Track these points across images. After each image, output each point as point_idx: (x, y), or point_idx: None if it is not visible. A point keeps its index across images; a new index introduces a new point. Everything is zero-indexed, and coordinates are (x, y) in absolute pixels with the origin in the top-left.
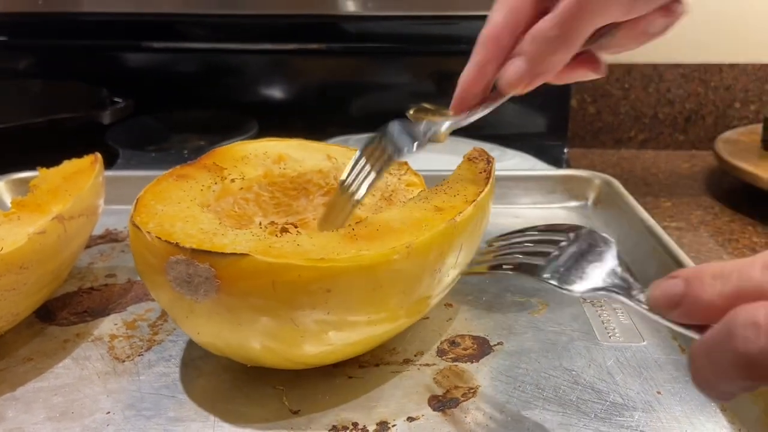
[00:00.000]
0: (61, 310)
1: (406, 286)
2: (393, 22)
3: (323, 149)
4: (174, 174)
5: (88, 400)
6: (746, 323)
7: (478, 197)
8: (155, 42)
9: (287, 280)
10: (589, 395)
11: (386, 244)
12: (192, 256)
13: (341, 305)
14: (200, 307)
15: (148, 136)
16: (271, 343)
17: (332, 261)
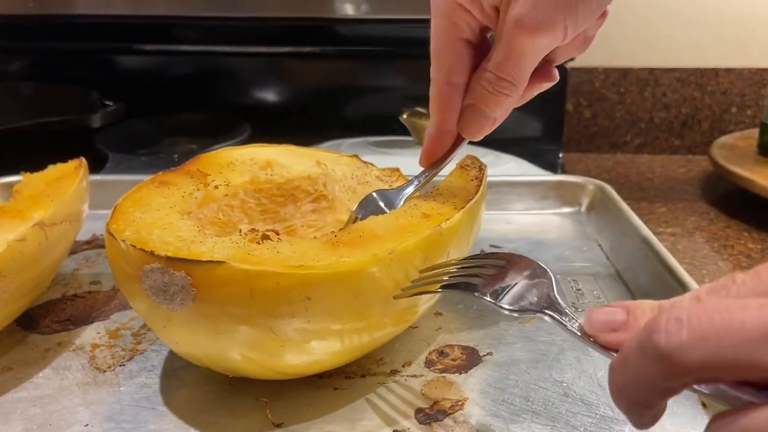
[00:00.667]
0: (43, 317)
1: (389, 293)
2: (387, 25)
3: (313, 155)
4: (156, 181)
5: (67, 412)
6: (669, 320)
7: (467, 205)
8: (147, 44)
9: (265, 288)
10: (578, 408)
11: (368, 250)
12: (167, 264)
13: (322, 313)
14: (177, 317)
15: (139, 139)
16: (251, 353)
17: (311, 268)
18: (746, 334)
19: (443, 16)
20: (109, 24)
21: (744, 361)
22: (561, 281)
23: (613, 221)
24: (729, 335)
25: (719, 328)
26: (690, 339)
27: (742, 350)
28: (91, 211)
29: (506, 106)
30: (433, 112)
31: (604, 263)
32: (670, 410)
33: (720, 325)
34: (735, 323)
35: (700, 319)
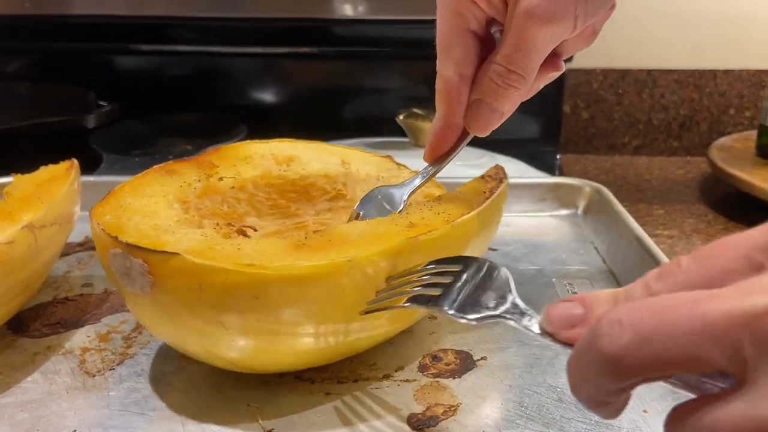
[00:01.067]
0: (33, 321)
1: (350, 300)
2: (385, 26)
3: (340, 153)
4: (163, 168)
5: (55, 417)
6: (611, 323)
7: (460, 219)
8: (143, 45)
9: (214, 283)
10: (573, 413)
11: (328, 256)
12: (127, 250)
13: (271, 314)
14: (142, 300)
15: (134, 140)
16: (205, 344)
17: (261, 268)
18: (681, 334)
19: (449, 6)
20: (105, 24)
21: (683, 360)
22: (557, 284)
23: (610, 224)
24: (665, 337)
25: (656, 329)
26: (630, 343)
27: (679, 350)
28: (83, 213)
29: (515, 99)
30: (440, 105)
31: (601, 266)
32: (661, 408)
33: (657, 326)
34: (669, 324)
35: (638, 322)
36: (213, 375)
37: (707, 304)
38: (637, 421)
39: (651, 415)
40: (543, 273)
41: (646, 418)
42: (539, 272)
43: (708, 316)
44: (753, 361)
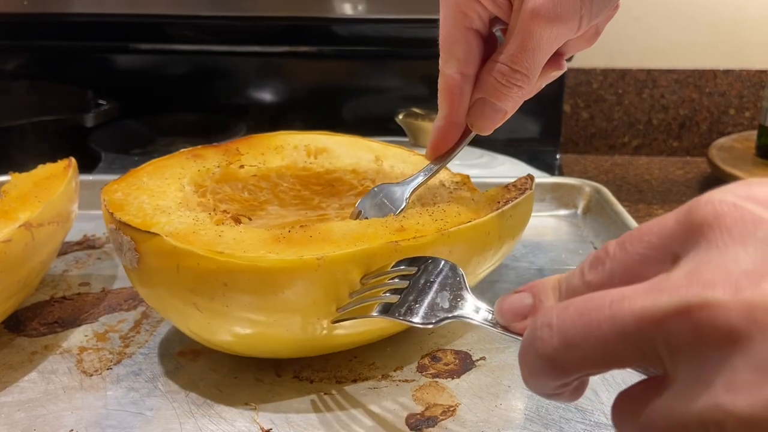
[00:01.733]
0: (31, 320)
1: (318, 297)
2: (384, 25)
3: (376, 149)
4: (191, 152)
5: (52, 417)
6: (542, 325)
7: (456, 227)
8: (142, 44)
9: (188, 266)
10: (572, 414)
11: (300, 252)
12: (119, 227)
13: (238, 302)
14: (133, 274)
15: (133, 139)
16: (184, 321)
17: (230, 257)
18: (600, 338)
19: (453, 5)
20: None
21: (607, 361)
22: None
23: (610, 224)
24: (588, 340)
25: (581, 332)
26: (560, 346)
27: (601, 353)
28: (82, 212)
29: (518, 98)
30: (442, 103)
31: None
32: None
33: (581, 329)
34: (591, 327)
35: (566, 325)
36: (210, 374)
37: (621, 305)
38: None
39: None
40: (542, 273)
41: None
42: (538, 272)
43: (622, 318)
44: (668, 361)
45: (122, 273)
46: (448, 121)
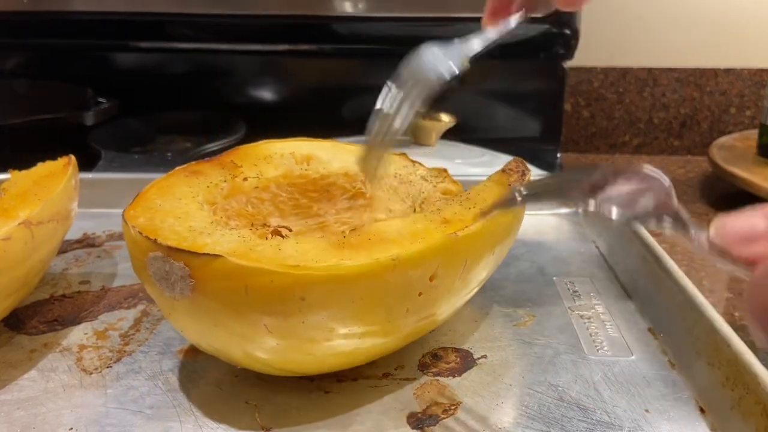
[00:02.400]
0: (30, 318)
1: (393, 300)
2: (385, 24)
3: (357, 151)
4: (187, 170)
5: (51, 415)
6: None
7: (492, 213)
8: (142, 42)
9: (259, 285)
10: (574, 413)
11: (372, 255)
12: (168, 253)
13: (317, 315)
14: (180, 305)
15: (133, 137)
16: (248, 347)
17: (307, 269)
18: None
19: None
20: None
21: None
22: (558, 283)
23: (611, 222)
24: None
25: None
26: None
27: None
28: (82, 210)
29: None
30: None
31: (602, 265)
32: (668, 416)
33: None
34: None
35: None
36: (211, 372)
37: None
38: (638, 420)
39: (652, 414)
40: (544, 271)
41: (647, 418)
42: (540, 271)
43: None
44: None
45: (122, 271)
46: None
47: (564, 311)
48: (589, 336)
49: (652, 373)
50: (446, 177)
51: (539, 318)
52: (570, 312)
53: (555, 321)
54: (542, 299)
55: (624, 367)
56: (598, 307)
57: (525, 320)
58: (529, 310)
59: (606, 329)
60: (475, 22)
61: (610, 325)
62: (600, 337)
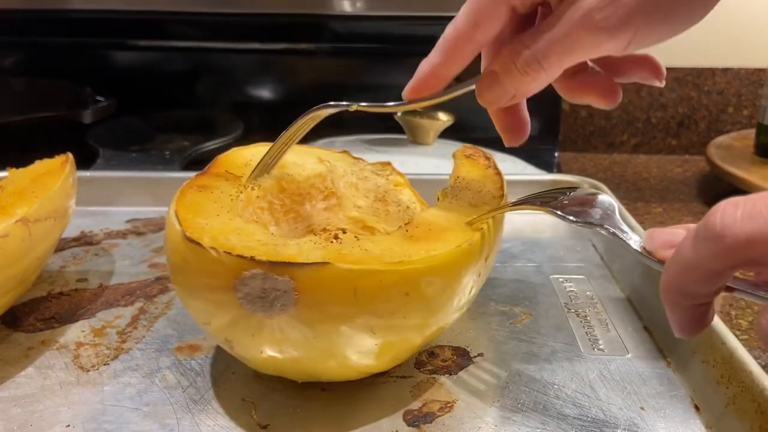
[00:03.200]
0: (27, 315)
1: (463, 285)
2: (382, 23)
3: (312, 152)
4: (194, 185)
5: (48, 412)
6: (726, 204)
7: (504, 191)
8: (140, 40)
9: (368, 286)
10: (570, 410)
11: (448, 243)
12: (270, 269)
13: (416, 309)
14: (271, 324)
15: (131, 135)
16: (347, 353)
17: (410, 263)
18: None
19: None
20: (102, 19)
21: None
22: (554, 281)
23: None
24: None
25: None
26: (743, 216)
27: None
28: (80, 208)
29: (530, 89)
30: (437, 52)
31: (598, 263)
32: (663, 413)
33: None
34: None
35: (754, 201)
36: (208, 369)
37: None
38: (633, 418)
39: (648, 412)
40: (540, 270)
41: (643, 415)
42: (536, 269)
43: None
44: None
45: (120, 269)
46: (433, 71)
47: (560, 309)
48: (585, 334)
49: (647, 371)
50: (392, 170)
51: (536, 316)
52: (566, 310)
53: (551, 319)
54: (539, 297)
55: (620, 365)
56: (595, 306)
57: (522, 318)
58: (525, 309)
59: (602, 327)
60: None
61: (606, 323)
62: (596, 335)
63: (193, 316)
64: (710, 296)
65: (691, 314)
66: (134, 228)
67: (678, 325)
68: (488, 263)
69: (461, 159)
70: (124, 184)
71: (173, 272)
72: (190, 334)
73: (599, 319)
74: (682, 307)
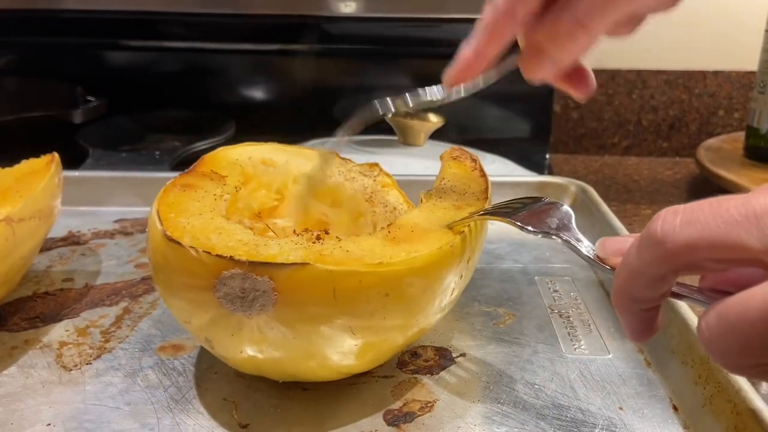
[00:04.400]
0: (12, 315)
1: (445, 286)
2: (377, 24)
3: (298, 152)
4: (178, 184)
5: (30, 411)
6: (667, 211)
7: (489, 194)
8: (132, 40)
9: (348, 287)
10: (549, 410)
11: (429, 244)
12: (249, 269)
13: (396, 309)
14: (250, 324)
15: (121, 136)
16: (326, 354)
17: (390, 265)
18: (729, 217)
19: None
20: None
21: (726, 241)
22: (539, 282)
23: (594, 223)
24: (715, 219)
25: (708, 214)
26: (681, 223)
27: (724, 230)
28: (67, 208)
29: (573, 54)
30: (479, 35)
31: (584, 265)
32: (641, 413)
33: (709, 211)
34: (721, 210)
35: (693, 208)
36: (190, 369)
37: (757, 199)
38: (612, 418)
39: (626, 412)
40: (526, 271)
41: (621, 415)
42: (522, 270)
43: (756, 209)
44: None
45: (106, 269)
46: (476, 53)
47: (544, 310)
48: (568, 335)
49: (627, 371)
50: (380, 171)
51: (519, 317)
52: (550, 311)
53: (535, 320)
54: (523, 298)
55: (600, 366)
56: (578, 307)
57: (505, 319)
58: (509, 309)
59: (584, 328)
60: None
61: (588, 324)
62: (578, 335)
63: (174, 315)
64: (657, 300)
65: (640, 319)
66: (122, 228)
67: (629, 329)
68: (470, 265)
69: (448, 161)
70: (113, 184)
71: (155, 271)
72: (173, 333)
73: (582, 320)
74: (632, 312)
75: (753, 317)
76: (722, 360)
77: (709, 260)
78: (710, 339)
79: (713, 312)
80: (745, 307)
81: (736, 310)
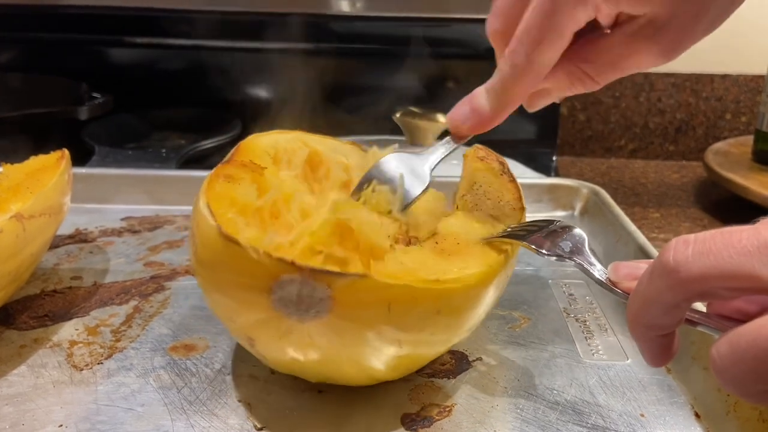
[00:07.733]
0: (21, 313)
1: (489, 302)
2: (383, 23)
3: (322, 141)
4: (221, 175)
5: (41, 412)
6: (678, 241)
7: (523, 203)
8: (138, 37)
9: (403, 302)
10: (569, 416)
11: (479, 260)
12: (309, 275)
13: (444, 326)
14: (302, 328)
15: (127, 133)
16: (369, 361)
17: (445, 282)
18: (742, 248)
19: None
20: (100, 15)
21: (738, 272)
22: (553, 285)
23: (607, 226)
24: (727, 249)
25: (720, 244)
26: (694, 253)
27: (737, 261)
28: (75, 205)
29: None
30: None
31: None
32: (663, 420)
33: (721, 242)
34: (734, 240)
35: (704, 238)
36: (204, 370)
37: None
38: (633, 425)
39: (648, 418)
40: (539, 274)
41: (643, 422)
42: (535, 273)
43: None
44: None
45: (114, 267)
46: (495, 114)
47: (560, 314)
48: (585, 339)
49: (647, 377)
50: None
51: (534, 321)
52: (566, 315)
53: (550, 324)
54: (538, 302)
55: (619, 371)
56: (594, 311)
57: (520, 323)
58: (524, 313)
59: (601, 332)
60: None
61: (605, 328)
62: (595, 340)
63: (213, 310)
64: (672, 326)
65: (658, 344)
66: (129, 226)
67: (647, 355)
68: (507, 279)
69: (474, 161)
70: (120, 182)
71: (200, 265)
72: (185, 333)
73: (598, 324)
74: (649, 338)
75: (764, 345)
76: (733, 387)
77: (722, 289)
78: (722, 367)
79: (725, 340)
80: (756, 335)
81: (747, 339)
